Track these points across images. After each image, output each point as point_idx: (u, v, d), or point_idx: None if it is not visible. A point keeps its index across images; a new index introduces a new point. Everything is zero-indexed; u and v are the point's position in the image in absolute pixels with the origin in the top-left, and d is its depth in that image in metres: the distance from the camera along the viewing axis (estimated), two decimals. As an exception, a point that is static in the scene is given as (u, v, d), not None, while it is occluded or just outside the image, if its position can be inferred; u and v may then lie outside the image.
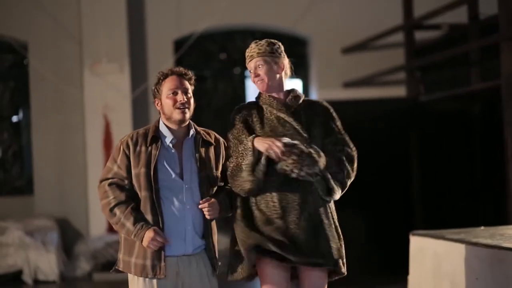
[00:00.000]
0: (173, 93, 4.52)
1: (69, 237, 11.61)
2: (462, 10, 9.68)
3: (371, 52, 12.06)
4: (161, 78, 4.57)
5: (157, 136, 4.54)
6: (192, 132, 4.58)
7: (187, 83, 4.57)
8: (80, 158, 11.80)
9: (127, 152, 4.50)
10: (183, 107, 4.50)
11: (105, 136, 11.56)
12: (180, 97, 4.51)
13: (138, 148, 4.51)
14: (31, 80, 11.99)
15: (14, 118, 12.35)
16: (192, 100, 4.57)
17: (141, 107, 11.84)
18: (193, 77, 4.63)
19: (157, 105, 4.59)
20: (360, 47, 11.97)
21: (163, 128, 4.57)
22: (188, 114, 4.54)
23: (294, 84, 12.84)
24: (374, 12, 12.18)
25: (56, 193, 11.88)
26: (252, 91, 13.07)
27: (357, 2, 12.35)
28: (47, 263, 10.66)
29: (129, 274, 4.52)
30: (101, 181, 4.56)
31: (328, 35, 12.26)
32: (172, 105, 4.51)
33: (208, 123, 12.29)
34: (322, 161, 4.49)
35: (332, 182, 4.54)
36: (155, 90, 4.59)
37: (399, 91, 11.43)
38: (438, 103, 9.95)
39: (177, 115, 4.51)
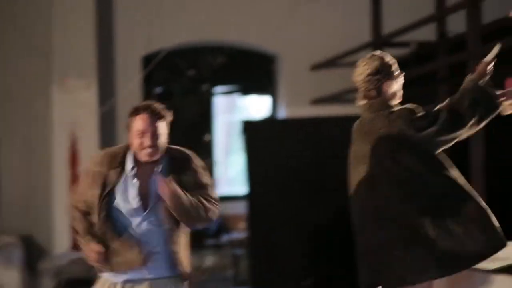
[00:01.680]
0: (140, 135, 4.28)
1: (33, 254, 11.46)
2: (431, 27, 9.70)
3: (340, 69, 12.05)
4: (133, 113, 4.32)
5: (123, 161, 4.34)
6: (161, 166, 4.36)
7: (158, 123, 4.31)
8: (46, 174, 11.66)
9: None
10: (150, 150, 4.28)
11: (71, 153, 11.45)
12: (146, 141, 4.27)
13: (101, 168, 4.33)
14: (-3, 95, 11.87)
15: (-21, 134, 12.18)
16: (163, 138, 4.33)
17: (108, 124, 11.73)
18: (168, 115, 4.37)
19: (129, 136, 4.36)
20: (328, 64, 11.96)
21: (130, 155, 4.37)
22: (155, 156, 4.31)
23: (262, 100, 12.82)
24: (342, 29, 12.18)
25: (21, 210, 11.72)
26: (219, 108, 13.04)
27: (325, 19, 12.34)
28: (10, 280, 10.54)
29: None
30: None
31: (297, 52, 12.24)
32: (138, 145, 4.29)
33: (176, 139, 12.23)
34: None
35: None
36: (128, 121, 4.35)
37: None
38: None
39: (143, 156, 4.31)
